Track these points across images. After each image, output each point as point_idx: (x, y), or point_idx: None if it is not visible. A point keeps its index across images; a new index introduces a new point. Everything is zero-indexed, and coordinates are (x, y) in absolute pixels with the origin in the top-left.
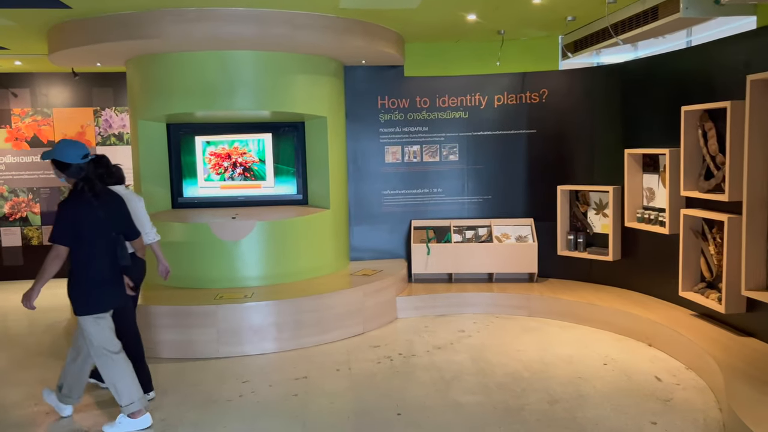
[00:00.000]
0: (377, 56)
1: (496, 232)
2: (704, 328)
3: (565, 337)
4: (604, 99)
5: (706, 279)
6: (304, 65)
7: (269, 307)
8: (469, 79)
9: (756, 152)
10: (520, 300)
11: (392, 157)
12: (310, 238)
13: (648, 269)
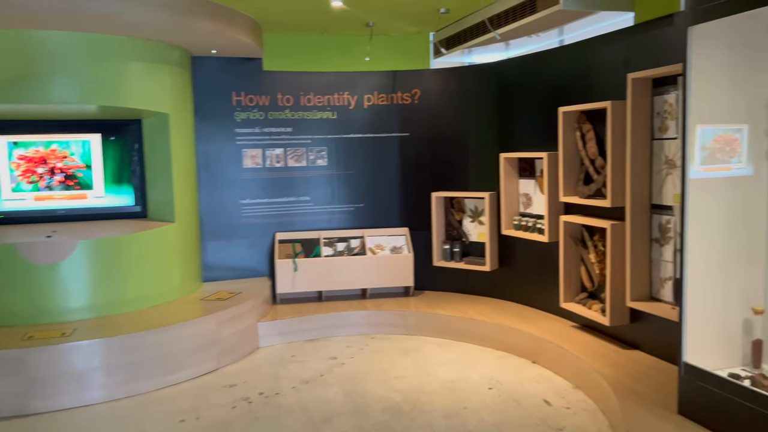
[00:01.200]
0: (231, 45)
1: (370, 243)
2: (589, 342)
3: (445, 357)
4: (479, 100)
5: (588, 289)
6: (140, 52)
7: (95, 346)
8: (337, 76)
9: (638, 155)
10: (397, 317)
11: (251, 161)
12: (150, 258)
13: (527, 279)
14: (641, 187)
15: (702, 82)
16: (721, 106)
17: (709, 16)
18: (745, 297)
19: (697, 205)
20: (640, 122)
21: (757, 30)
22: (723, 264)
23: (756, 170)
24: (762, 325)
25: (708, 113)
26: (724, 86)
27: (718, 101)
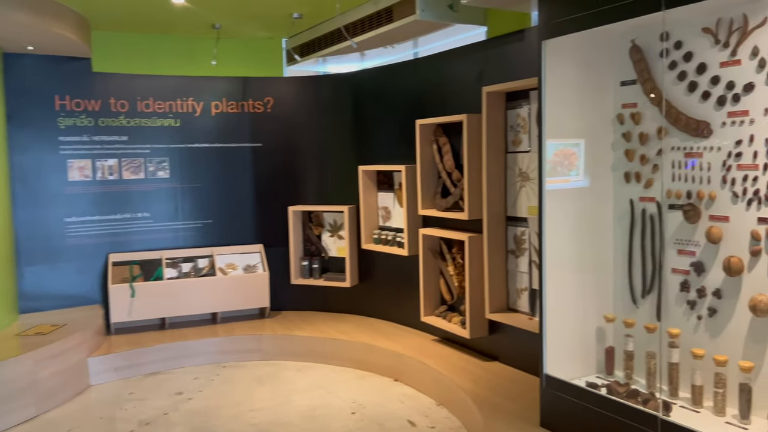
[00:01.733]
0: (52, 42)
1: (220, 262)
2: (450, 356)
3: (305, 382)
4: (336, 111)
5: (448, 302)
6: None
7: None
8: (180, 81)
9: (493, 168)
10: (251, 342)
11: (79, 173)
12: None
13: (388, 294)
14: (497, 199)
15: (555, 95)
16: (573, 120)
17: (560, 31)
18: (598, 305)
19: (552, 216)
20: (494, 135)
21: (604, 47)
22: (577, 274)
23: (603, 182)
24: (613, 333)
25: (561, 127)
26: (575, 100)
27: (570, 115)
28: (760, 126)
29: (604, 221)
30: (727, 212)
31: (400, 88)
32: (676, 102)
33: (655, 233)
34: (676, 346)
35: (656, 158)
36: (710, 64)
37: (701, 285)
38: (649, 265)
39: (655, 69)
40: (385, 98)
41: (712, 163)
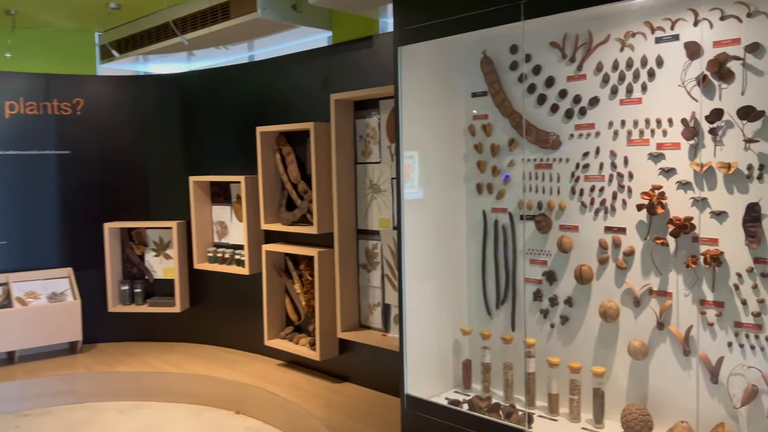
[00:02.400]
0: None
1: (18, 291)
2: (298, 381)
3: (130, 425)
4: (162, 116)
5: (294, 322)
6: None
7: None
8: None
9: (344, 179)
10: (61, 383)
11: None
12: None
13: (227, 318)
14: (348, 212)
15: (411, 104)
16: (427, 130)
17: (415, 38)
18: (454, 318)
19: (410, 228)
20: (344, 145)
21: (457, 57)
22: (434, 287)
23: (457, 194)
24: (469, 345)
25: (416, 137)
26: (430, 110)
27: (425, 125)
28: (605, 138)
29: (458, 233)
30: (576, 222)
31: (238, 93)
32: (527, 114)
33: (507, 244)
34: (532, 355)
35: (508, 169)
36: (558, 78)
37: (553, 294)
38: (502, 275)
39: (506, 81)
40: (219, 103)
41: (561, 174)
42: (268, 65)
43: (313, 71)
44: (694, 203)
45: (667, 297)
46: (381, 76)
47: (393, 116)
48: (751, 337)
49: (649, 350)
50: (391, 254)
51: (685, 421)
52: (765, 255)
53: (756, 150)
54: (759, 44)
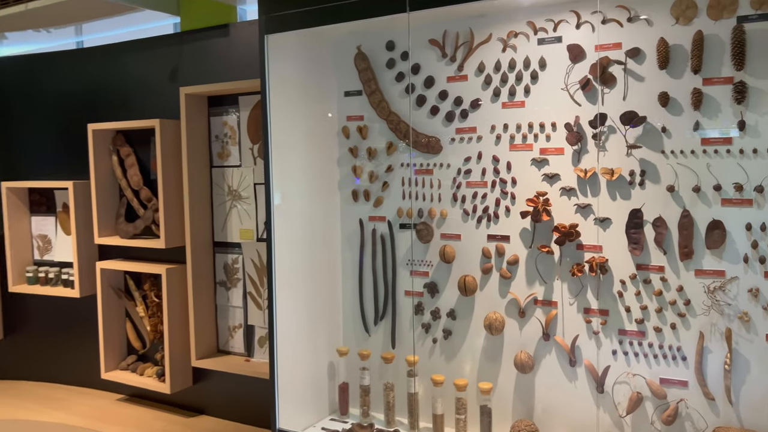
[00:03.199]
0: None
1: None
2: (144, 417)
3: None
4: None
5: (138, 350)
6: None
7: None
8: None
9: (197, 185)
10: None
11: None
12: None
13: (52, 348)
14: (202, 222)
15: (279, 101)
16: (298, 130)
17: (283, 26)
18: (329, 338)
19: (280, 240)
20: (197, 146)
21: (329, 51)
22: (307, 304)
23: (330, 201)
24: (346, 367)
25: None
26: (300, 108)
27: (295, 124)
28: (487, 143)
29: (332, 244)
30: (458, 230)
31: (65, 84)
32: (406, 116)
33: (386, 254)
34: (414, 374)
35: (386, 175)
36: (438, 78)
37: (435, 306)
38: (381, 288)
39: (382, 80)
40: (39, 95)
41: (442, 180)
42: (102, 53)
43: (158, 61)
44: (578, 210)
45: (552, 306)
46: (240, 69)
47: (256, 114)
48: (635, 344)
49: (536, 362)
50: (255, 269)
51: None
52: (647, 261)
53: (638, 156)
54: (639, 49)
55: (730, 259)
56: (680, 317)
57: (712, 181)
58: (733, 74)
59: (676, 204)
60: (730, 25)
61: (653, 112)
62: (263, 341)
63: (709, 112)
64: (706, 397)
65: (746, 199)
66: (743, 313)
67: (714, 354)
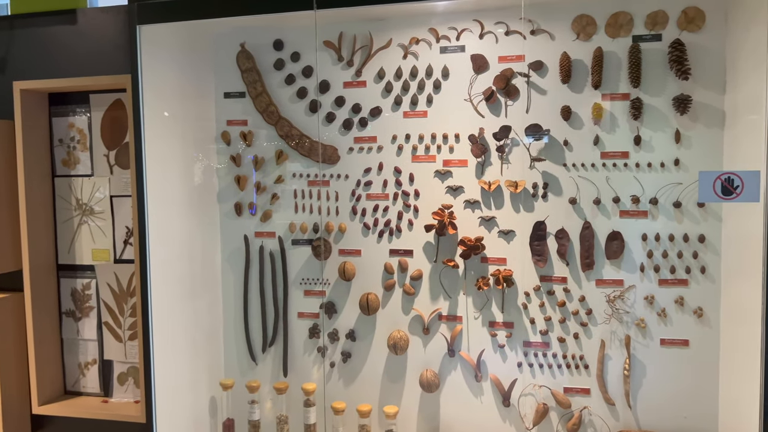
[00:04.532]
0: None
1: None
2: None
3: None
4: None
5: None
6: None
7: None
8: None
9: (37, 197)
10: None
11: None
12: None
13: None
14: (44, 241)
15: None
16: (171, 135)
17: (157, 17)
18: (211, 371)
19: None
20: (35, 151)
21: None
22: (185, 335)
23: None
24: (232, 401)
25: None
26: (174, 109)
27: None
28: (389, 153)
29: (212, 264)
30: (359, 246)
31: None
32: (298, 122)
33: (276, 273)
34: (312, 404)
35: (275, 186)
36: (334, 83)
37: (333, 328)
38: (270, 311)
39: (270, 82)
40: None
41: (340, 192)
42: None
43: None
44: (482, 222)
45: (457, 321)
46: (89, 63)
47: (113, 115)
48: (539, 355)
49: (441, 380)
50: (113, 295)
51: None
52: (551, 273)
53: (540, 168)
54: (542, 63)
55: (627, 268)
56: (582, 326)
57: (612, 194)
58: (630, 91)
59: (577, 216)
60: (627, 43)
61: (555, 125)
62: (124, 378)
63: (608, 126)
64: (607, 402)
65: (642, 210)
66: (640, 319)
67: (614, 360)
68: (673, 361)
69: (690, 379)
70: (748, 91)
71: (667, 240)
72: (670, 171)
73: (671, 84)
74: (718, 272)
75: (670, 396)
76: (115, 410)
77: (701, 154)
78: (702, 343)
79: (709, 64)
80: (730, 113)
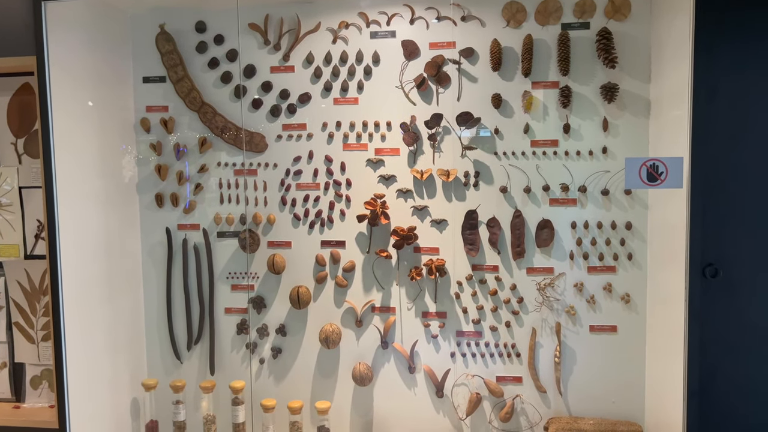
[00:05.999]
0: None
1: None
2: None
3: None
4: None
5: None
6: None
7: None
8: None
9: None
10: None
11: None
12: None
13: None
14: None
15: (61, 84)
16: (85, 122)
17: None
18: (132, 371)
19: (65, 256)
20: None
21: (119, 28)
22: (104, 335)
23: (128, 208)
24: (155, 402)
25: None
26: (86, 94)
27: (80, 114)
28: (319, 141)
29: (131, 258)
30: (289, 237)
31: None
32: (222, 109)
33: (201, 268)
34: (240, 402)
35: (199, 176)
36: (260, 68)
37: (262, 323)
38: (195, 307)
39: (192, 66)
40: None
41: (268, 182)
42: None
43: None
44: (415, 212)
45: (390, 313)
46: None
47: (20, 100)
48: (472, 344)
49: (374, 372)
50: (24, 293)
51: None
52: (482, 262)
53: (472, 157)
54: (473, 50)
55: (557, 256)
56: (514, 315)
57: (542, 182)
58: (560, 79)
59: (508, 204)
60: (556, 31)
61: (486, 113)
62: (37, 382)
63: (538, 115)
64: (539, 390)
65: (571, 198)
66: (570, 306)
67: (545, 348)
68: (601, 347)
69: (618, 364)
70: (672, 81)
71: (596, 228)
72: (598, 159)
73: (599, 72)
74: (645, 259)
75: (599, 382)
76: (28, 416)
77: (628, 142)
78: (629, 328)
79: (635, 53)
80: (655, 102)
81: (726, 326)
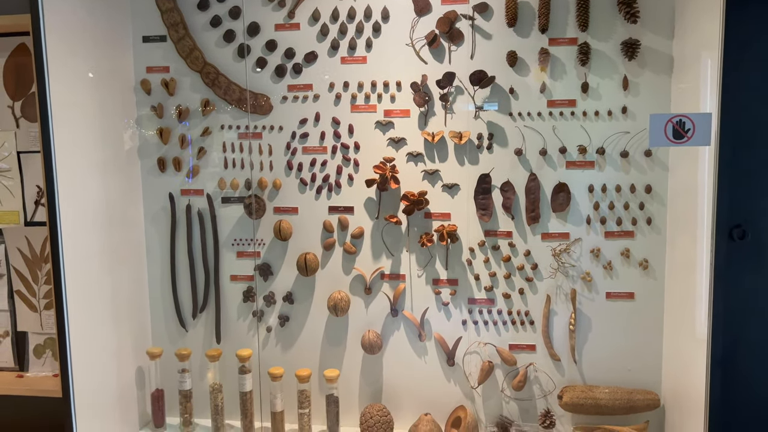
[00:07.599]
0: None
1: None
2: None
3: None
4: None
5: None
6: None
7: None
8: None
9: None
10: None
11: None
12: None
13: None
14: None
15: (57, 45)
16: (83, 84)
17: None
18: (136, 339)
19: (69, 223)
20: None
21: None
22: (107, 303)
23: (129, 172)
24: (161, 371)
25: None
26: (84, 55)
27: (79, 76)
28: (326, 103)
29: (134, 224)
30: (295, 203)
31: None
32: (226, 69)
33: (206, 234)
34: (247, 371)
35: (202, 140)
36: (264, 26)
37: (269, 291)
38: (200, 275)
39: (193, 24)
40: None
41: (273, 145)
42: None
43: None
44: (426, 176)
45: (400, 280)
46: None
47: (17, 61)
48: (484, 312)
49: (384, 341)
50: (25, 261)
51: (429, 413)
52: (495, 227)
53: (485, 119)
54: (487, 4)
55: (573, 221)
56: (528, 282)
57: (558, 144)
58: (578, 35)
59: (523, 168)
60: None
61: (501, 72)
62: (41, 351)
63: (555, 73)
64: (553, 358)
65: (589, 161)
66: (586, 273)
67: (559, 316)
68: (618, 314)
69: (635, 332)
70: (699, 36)
71: (614, 191)
72: (618, 119)
73: (619, 28)
74: (664, 223)
75: (615, 349)
76: (32, 385)
77: (649, 101)
78: (647, 295)
79: (658, 6)
80: (679, 59)
81: (754, 291)
